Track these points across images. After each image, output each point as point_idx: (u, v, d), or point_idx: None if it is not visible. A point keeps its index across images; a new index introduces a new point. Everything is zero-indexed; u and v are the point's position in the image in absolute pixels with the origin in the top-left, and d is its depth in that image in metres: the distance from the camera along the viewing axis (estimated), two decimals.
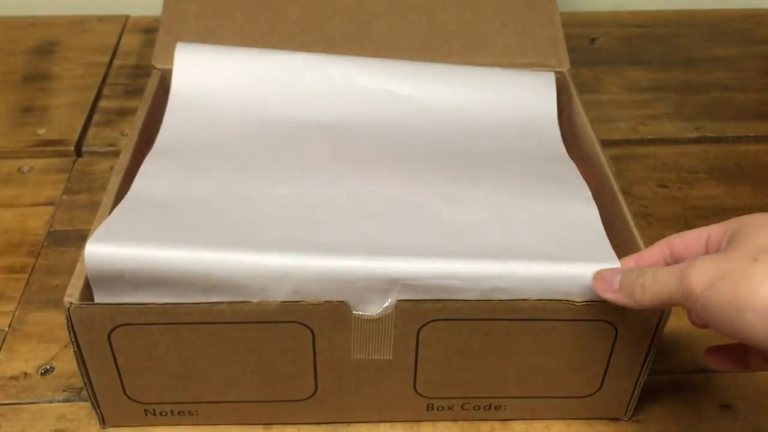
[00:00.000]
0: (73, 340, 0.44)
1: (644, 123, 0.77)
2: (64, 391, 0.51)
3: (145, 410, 0.48)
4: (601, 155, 0.56)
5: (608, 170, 0.54)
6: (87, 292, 0.44)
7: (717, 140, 0.75)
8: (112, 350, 0.44)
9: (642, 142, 0.75)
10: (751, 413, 0.51)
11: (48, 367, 0.53)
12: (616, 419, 0.51)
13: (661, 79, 0.83)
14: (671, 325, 0.56)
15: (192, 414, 0.49)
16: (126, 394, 0.47)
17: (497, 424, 0.50)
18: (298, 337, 0.45)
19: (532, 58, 0.66)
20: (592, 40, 0.90)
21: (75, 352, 0.44)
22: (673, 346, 0.55)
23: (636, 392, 0.49)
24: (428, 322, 0.44)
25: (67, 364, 0.53)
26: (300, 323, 0.44)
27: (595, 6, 0.95)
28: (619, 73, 0.84)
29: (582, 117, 0.60)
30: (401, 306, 0.44)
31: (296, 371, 0.47)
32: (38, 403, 0.51)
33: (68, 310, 0.43)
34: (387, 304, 0.44)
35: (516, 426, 0.50)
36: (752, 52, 0.88)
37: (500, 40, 0.67)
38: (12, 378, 0.52)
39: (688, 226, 0.65)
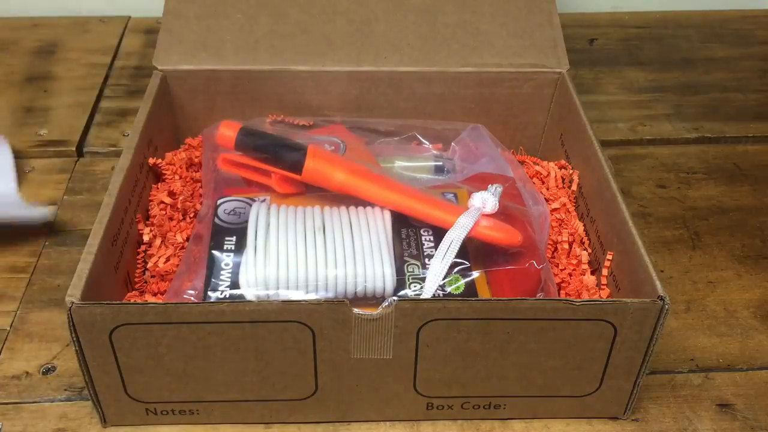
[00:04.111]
0: (74, 339, 0.44)
1: (643, 123, 0.77)
2: (65, 390, 0.52)
3: (146, 409, 0.48)
4: (600, 156, 0.56)
5: (607, 171, 0.55)
6: (88, 292, 0.44)
7: (716, 140, 0.75)
8: (113, 350, 0.45)
9: (641, 142, 0.75)
10: (750, 413, 0.52)
11: (49, 367, 0.53)
12: (615, 418, 0.51)
13: (659, 79, 0.84)
14: (670, 325, 0.57)
15: (193, 413, 0.49)
16: (127, 393, 0.47)
17: (497, 423, 0.50)
18: (298, 336, 0.45)
19: (531, 58, 0.66)
20: (591, 40, 0.90)
21: (76, 351, 0.45)
22: (672, 346, 0.55)
23: (635, 391, 0.49)
24: (428, 322, 0.44)
25: (68, 363, 0.53)
26: (300, 323, 0.44)
27: (594, 7, 0.96)
28: (618, 73, 0.84)
29: (581, 117, 0.60)
30: (401, 305, 0.44)
31: (296, 371, 0.47)
32: (40, 402, 0.51)
33: (69, 310, 0.43)
34: (387, 303, 0.44)
35: (515, 425, 0.50)
36: (751, 53, 0.88)
37: (499, 41, 0.67)
38: (14, 377, 0.52)
39: (687, 226, 0.66)
